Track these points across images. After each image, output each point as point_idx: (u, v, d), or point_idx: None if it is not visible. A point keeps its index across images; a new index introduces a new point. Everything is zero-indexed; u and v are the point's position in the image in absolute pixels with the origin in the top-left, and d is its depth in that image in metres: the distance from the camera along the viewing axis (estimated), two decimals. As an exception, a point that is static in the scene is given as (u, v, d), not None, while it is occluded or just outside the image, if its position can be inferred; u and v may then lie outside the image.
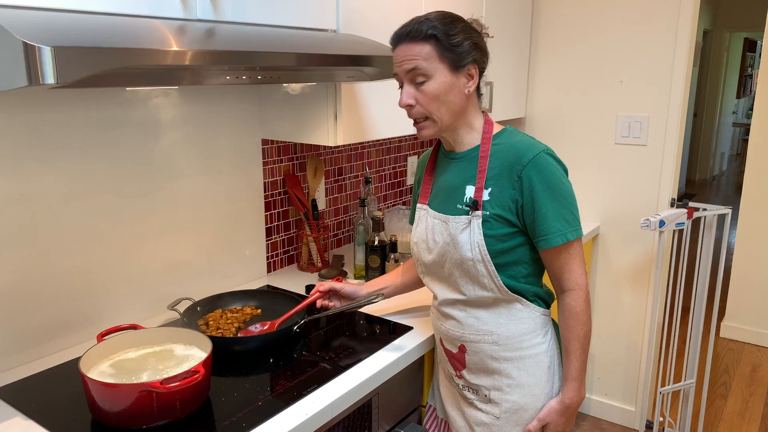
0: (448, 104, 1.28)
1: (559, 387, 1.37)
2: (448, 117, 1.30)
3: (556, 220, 1.25)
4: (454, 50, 1.25)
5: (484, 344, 1.35)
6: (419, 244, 1.41)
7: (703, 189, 8.17)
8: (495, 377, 1.36)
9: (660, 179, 2.55)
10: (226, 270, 1.87)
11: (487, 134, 1.33)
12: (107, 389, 1.13)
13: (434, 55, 1.25)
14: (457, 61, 1.26)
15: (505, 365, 1.34)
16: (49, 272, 1.43)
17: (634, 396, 2.78)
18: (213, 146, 1.76)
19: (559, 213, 1.26)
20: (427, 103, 1.28)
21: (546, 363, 1.35)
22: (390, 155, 2.50)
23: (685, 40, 2.39)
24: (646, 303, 2.66)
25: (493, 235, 1.28)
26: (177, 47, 1.04)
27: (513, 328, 1.33)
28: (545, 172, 1.25)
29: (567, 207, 1.27)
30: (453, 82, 1.27)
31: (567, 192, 1.27)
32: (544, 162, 1.25)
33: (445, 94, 1.27)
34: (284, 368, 1.40)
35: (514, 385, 1.34)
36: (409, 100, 1.29)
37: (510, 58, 2.58)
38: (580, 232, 1.29)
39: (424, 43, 1.25)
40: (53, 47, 0.85)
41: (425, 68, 1.25)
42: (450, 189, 1.36)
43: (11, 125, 1.32)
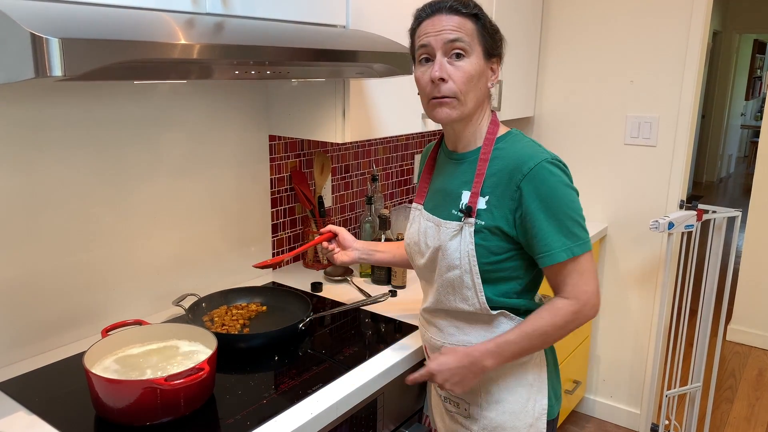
0: (476, 91, 1.20)
1: (542, 407, 1.29)
2: (473, 103, 1.21)
3: (558, 236, 1.16)
4: (493, 36, 1.21)
5: None
6: (411, 246, 1.36)
7: (711, 191, 8.12)
8: (474, 392, 1.30)
9: (669, 181, 2.52)
10: (231, 266, 1.86)
11: (491, 135, 1.25)
12: (111, 385, 1.12)
13: (475, 33, 1.19)
14: (492, 47, 1.21)
15: (484, 380, 1.28)
16: (54, 267, 1.42)
17: (640, 399, 2.76)
18: (220, 142, 1.75)
19: (561, 228, 1.16)
20: (462, 81, 1.18)
21: (528, 380, 1.28)
22: (397, 153, 2.49)
23: (697, 41, 2.37)
24: (653, 305, 2.64)
25: (487, 246, 1.20)
26: (185, 41, 1.03)
27: None
28: (546, 185, 1.16)
29: (570, 220, 1.17)
30: (484, 68, 1.21)
31: (571, 204, 1.18)
32: (545, 172, 1.16)
33: (478, 77, 1.20)
34: (289, 366, 1.38)
35: (492, 402, 1.28)
36: (443, 72, 1.18)
37: (519, 57, 2.56)
38: (586, 246, 1.18)
39: (469, 18, 1.19)
40: (61, 39, 0.84)
41: (468, 43, 1.18)
42: (446, 192, 1.29)
43: (18, 118, 1.31)
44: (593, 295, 1.20)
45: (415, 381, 1.28)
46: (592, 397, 2.90)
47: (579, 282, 1.18)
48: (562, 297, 1.20)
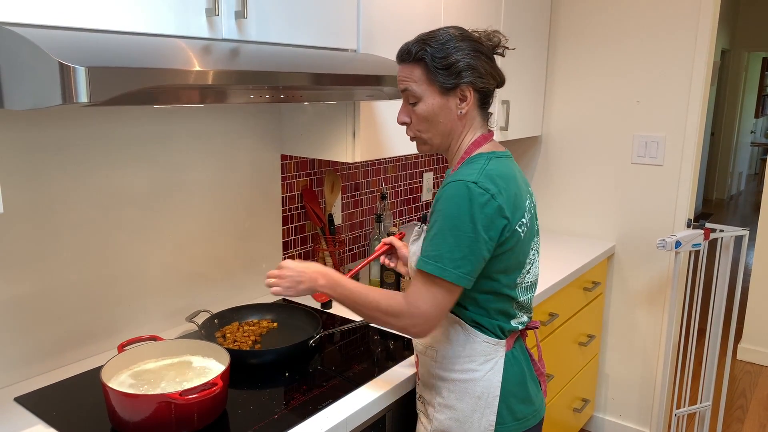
0: (437, 125, 1.27)
1: (489, 422, 1.29)
2: (438, 138, 1.30)
3: (430, 246, 1.19)
4: (442, 73, 1.23)
5: (426, 357, 1.35)
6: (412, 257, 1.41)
7: (721, 208, 8.09)
8: (432, 393, 1.35)
9: (676, 199, 2.54)
10: (243, 283, 1.90)
11: (466, 154, 1.29)
12: (127, 399, 1.15)
13: (423, 77, 1.25)
14: (445, 84, 1.24)
15: (439, 383, 1.33)
16: (71, 283, 1.46)
17: (649, 417, 2.75)
18: (233, 161, 1.80)
19: (436, 242, 1.18)
20: (417, 123, 1.29)
21: (476, 392, 1.29)
22: (406, 171, 2.53)
23: (703, 61, 2.40)
24: (662, 324, 2.65)
25: None
26: (203, 67, 1.08)
27: (449, 347, 1.30)
28: (446, 200, 1.19)
29: (448, 240, 1.17)
30: (443, 103, 1.26)
31: (458, 226, 1.17)
32: (452, 190, 1.19)
33: (434, 116, 1.26)
34: (300, 382, 1.41)
35: (443, 405, 1.32)
36: (404, 118, 1.31)
37: (527, 77, 2.60)
38: (447, 274, 1.16)
39: (415, 65, 1.25)
40: (87, 68, 0.89)
41: (415, 90, 1.26)
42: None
43: (39, 139, 1.36)
44: (420, 315, 1.19)
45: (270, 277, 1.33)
46: (600, 415, 2.89)
47: (418, 294, 1.19)
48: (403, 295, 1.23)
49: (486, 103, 1.31)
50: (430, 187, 2.68)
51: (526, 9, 2.48)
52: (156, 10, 1.16)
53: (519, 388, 1.34)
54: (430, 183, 2.68)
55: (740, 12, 7.58)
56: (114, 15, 1.09)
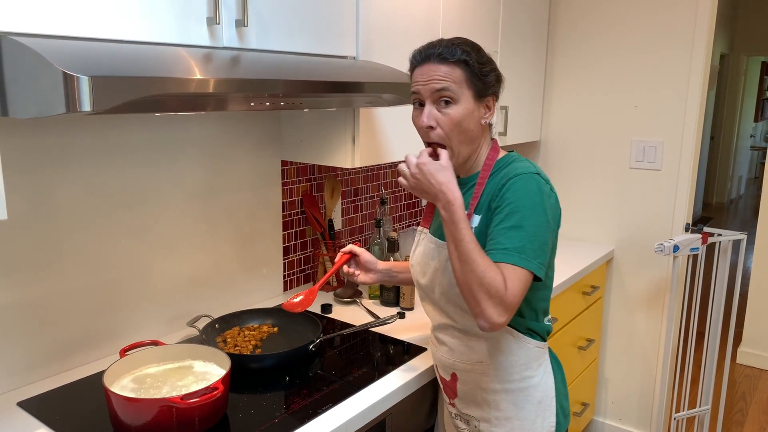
0: (467, 132, 1.26)
1: (550, 424, 1.32)
2: (466, 148, 1.28)
3: (506, 238, 1.16)
4: (482, 79, 1.25)
5: (474, 374, 1.33)
6: (415, 266, 1.41)
7: (721, 212, 8.10)
8: (484, 408, 1.33)
9: (674, 204, 2.55)
10: (243, 288, 1.91)
11: (490, 161, 1.30)
12: (129, 403, 1.16)
13: (464, 79, 1.24)
14: (482, 90, 1.26)
15: (494, 396, 1.32)
16: (73, 288, 1.47)
17: (649, 421, 2.76)
18: (234, 167, 1.81)
19: (514, 234, 1.15)
20: (450, 128, 1.24)
21: (537, 398, 1.31)
22: (406, 177, 2.54)
23: (700, 66, 2.42)
24: (661, 328, 2.66)
25: None
26: (205, 76, 1.09)
27: (503, 359, 1.30)
28: (519, 191, 1.18)
29: (528, 233, 1.16)
30: (474, 110, 1.26)
31: (538, 217, 1.17)
32: (523, 182, 1.19)
33: (467, 121, 1.25)
34: (300, 386, 1.42)
35: (502, 418, 1.31)
36: (431, 121, 1.25)
37: (525, 83, 2.62)
38: (532, 266, 1.15)
39: (455, 65, 1.23)
40: (90, 77, 0.90)
41: (455, 91, 1.23)
42: None
43: (42, 146, 1.38)
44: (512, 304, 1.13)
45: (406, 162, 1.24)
46: (600, 419, 2.90)
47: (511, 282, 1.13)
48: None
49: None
50: (430, 192, 2.69)
51: (523, 16, 2.50)
52: (158, 19, 1.17)
53: (563, 385, 1.39)
54: (430, 188, 2.69)
55: (739, 16, 7.61)
56: (116, 24, 1.11)
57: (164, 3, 1.18)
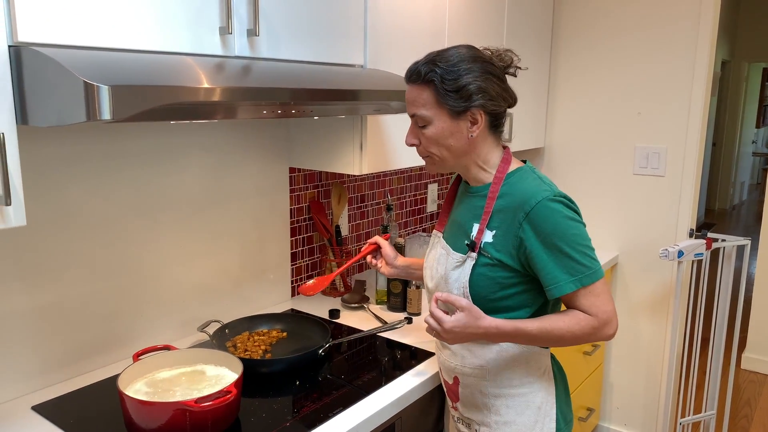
0: (449, 148, 1.26)
1: (551, 429, 1.32)
2: (451, 158, 1.29)
3: (562, 271, 1.20)
4: (452, 96, 1.22)
5: (475, 378, 1.34)
6: (427, 270, 1.42)
7: (723, 218, 8.11)
8: (484, 413, 1.34)
9: (678, 210, 2.57)
10: (251, 294, 1.93)
11: (500, 173, 1.29)
12: (144, 407, 1.18)
13: (432, 100, 1.23)
14: (455, 107, 1.22)
15: (493, 401, 1.33)
16: (85, 294, 1.49)
17: (654, 426, 2.77)
18: (243, 174, 1.84)
19: (566, 262, 1.20)
20: (428, 145, 1.28)
21: (536, 403, 1.32)
22: (411, 183, 2.56)
23: (703, 72, 2.44)
24: (666, 333, 2.67)
25: (493, 277, 1.25)
26: (219, 85, 1.12)
27: (504, 364, 1.31)
28: (548, 222, 1.20)
29: (576, 252, 1.20)
30: (453, 127, 1.24)
31: (574, 237, 1.20)
32: (546, 210, 1.20)
33: (444, 138, 1.25)
34: (310, 390, 1.44)
35: (501, 423, 1.32)
36: (413, 140, 1.31)
37: (529, 90, 2.64)
38: (596, 275, 1.21)
39: (424, 86, 1.23)
40: (111, 86, 0.92)
41: (424, 115, 1.25)
42: (460, 223, 1.35)
43: (56, 153, 1.40)
44: (612, 314, 1.24)
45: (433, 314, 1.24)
46: (606, 425, 2.90)
47: (596, 302, 1.22)
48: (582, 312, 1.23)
49: (498, 124, 1.30)
50: (435, 198, 2.72)
51: (527, 24, 2.53)
52: (172, 30, 1.20)
53: (565, 392, 1.39)
54: (435, 194, 2.72)
55: (740, 23, 7.64)
56: (132, 34, 1.13)
57: (178, 13, 1.20)
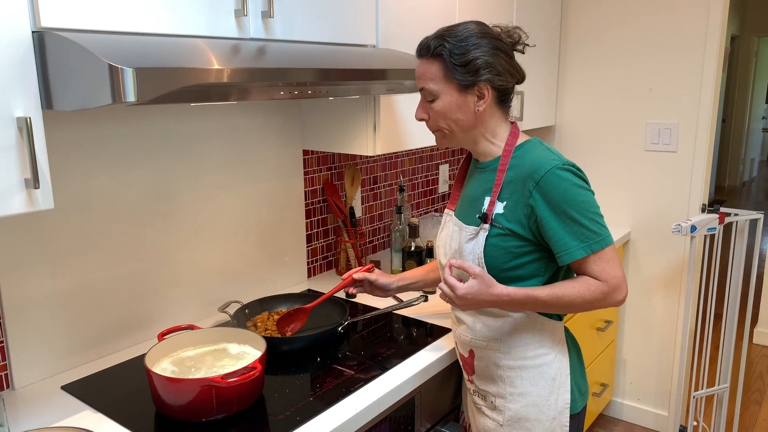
0: (456, 121, 1.30)
1: (565, 401, 1.35)
2: (459, 132, 1.32)
3: (573, 237, 1.23)
4: (460, 70, 1.25)
5: (489, 351, 1.36)
6: (440, 247, 1.45)
7: (733, 195, 8.07)
8: (499, 384, 1.37)
9: (690, 185, 2.57)
10: (268, 275, 1.96)
11: (509, 146, 1.32)
12: (172, 384, 1.21)
13: (440, 74, 1.26)
14: (462, 81, 1.26)
15: (509, 373, 1.35)
16: (109, 276, 1.52)
17: (667, 401, 2.79)
18: (257, 158, 1.85)
19: (576, 229, 1.23)
20: (436, 119, 1.31)
21: (551, 374, 1.34)
22: (422, 164, 2.57)
23: (714, 47, 2.43)
24: (678, 308, 2.68)
25: (505, 247, 1.28)
26: (235, 66, 1.13)
27: (518, 336, 1.33)
28: (557, 190, 1.23)
29: (585, 219, 1.23)
30: (460, 101, 1.28)
31: (584, 204, 1.23)
32: (555, 178, 1.23)
33: (452, 112, 1.29)
34: (331, 367, 1.47)
35: (516, 394, 1.35)
36: (422, 114, 1.34)
37: (540, 68, 2.64)
38: (606, 241, 1.25)
39: (433, 60, 1.27)
40: (135, 69, 0.94)
41: (432, 89, 1.28)
42: (471, 198, 1.37)
43: (78, 138, 1.42)
44: (622, 280, 1.26)
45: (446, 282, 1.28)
46: (619, 400, 2.93)
47: (606, 268, 1.25)
48: (592, 277, 1.26)
49: (505, 100, 1.33)
50: (446, 179, 2.73)
51: (537, 1, 2.51)
52: (188, 13, 1.21)
53: (579, 363, 1.42)
54: (446, 175, 2.73)
55: (749, -3, 7.54)
56: (149, 18, 1.15)
57: (195, -4, 1.21)
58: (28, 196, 1.03)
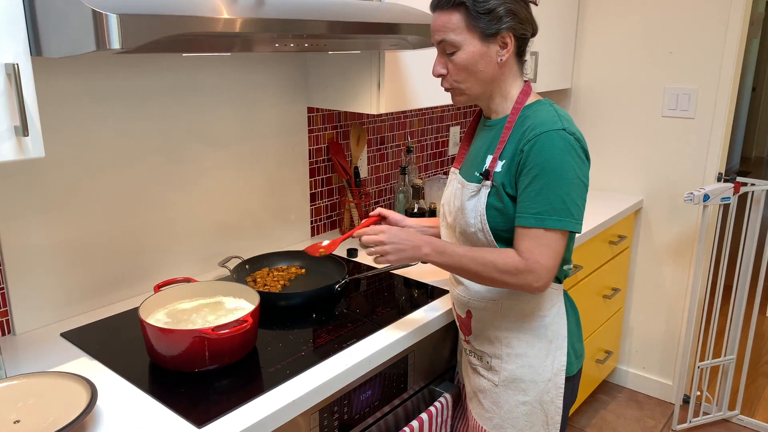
0: (477, 74, 1.26)
1: (561, 363, 1.34)
2: (478, 87, 1.28)
3: (535, 202, 1.20)
4: (483, 18, 1.22)
5: (487, 312, 1.36)
6: (444, 206, 1.44)
7: (760, 167, 7.87)
8: (496, 345, 1.37)
9: (707, 153, 2.51)
10: (272, 233, 1.96)
11: (519, 104, 1.29)
12: (164, 334, 1.22)
13: (462, 24, 1.23)
14: (487, 29, 1.22)
15: (505, 334, 1.35)
16: (110, 229, 1.54)
17: (672, 370, 2.78)
18: (261, 114, 1.84)
19: (543, 196, 1.19)
20: (456, 73, 1.27)
21: (548, 337, 1.34)
22: (432, 125, 2.54)
23: (740, 10, 2.33)
24: (688, 278, 2.65)
25: (500, 208, 1.27)
26: (231, 15, 1.11)
27: (517, 298, 1.33)
28: (544, 152, 1.19)
29: (553, 193, 1.19)
30: (483, 51, 1.24)
31: (563, 178, 1.19)
32: (548, 140, 1.19)
33: (474, 64, 1.25)
34: (325, 323, 1.48)
35: (513, 355, 1.35)
36: (440, 70, 1.29)
37: (556, 28, 2.56)
38: (563, 224, 1.20)
39: (453, 11, 1.23)
40: (119, 14, 0.92)
41: (453, 40, 1.24)
42: (475, 156, 1.36)
43: (79, 90, 1.42)
44: (543, 269, 1.21)
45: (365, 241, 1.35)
46: (624, 367, 2.93)
47: (535, 249, 1.21)
48: (516, 252, 1.24)
49: (522, 52, 1.31)
50: (457, 141, 2.69)
51: (556, -43, 2.43)
52: (183, -40, 1.18)
53: (577, 327, 1.41)
54: (457, 137, 2.69)
55: (788, -40, 7.20)
56: (143, -36, 1.12)
57: (189, -57, 1.18)
58: (17, 143, 1.03)
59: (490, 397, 1.39)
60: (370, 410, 1.40)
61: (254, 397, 1.18)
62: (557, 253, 1.22)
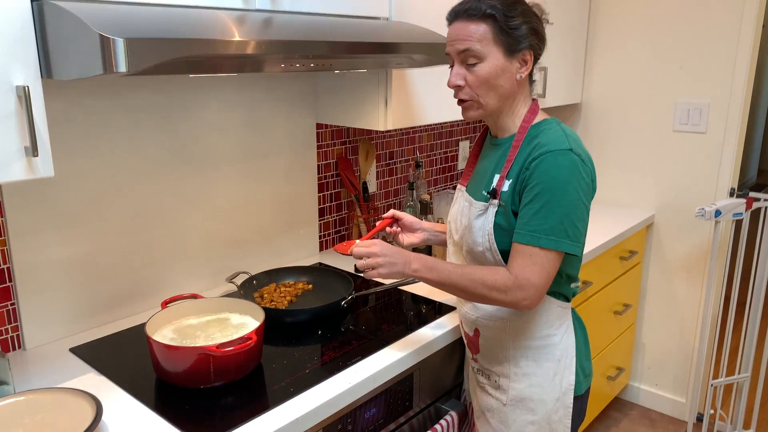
0: (497, 89, 1.25)
1: (569, 383, 1.34)
2: (495, 102, 1.27)
3: (533, 220, 1.19)
4: (511, 33, 1.22)
5: (495, 330, 1.35)
6: (451, 223, 1.44)
7: (776, 179, 7.77)
8: (504, 364, 1.36)
9: (719, 168, 2.48)
10: (280, 248, 1.97)
11: (526, 123, 1.29)
12: (169, 351, 1.24)
13: (489, 36, 1.22)
14: (512, 44, 1.23)
15: (513, 353, 1.34)
16: (120, 245, 1.56)
17: (686, 387, 2.74)
18: (271, 130, 1.86)
19: (542, 216, 1.19)
20: (476, 86, 1.25)
21: (556, 356, 1.33)
22: (441, 140, 2.54)
23: (751, 24, 2.31)
24: (701, 294, 2.62)
25: (507, 228, 1.26)
26: (237, 38, 1.12)
27: (525, 317, 1.32)
28: (550, 170, 1.19)
29: (552, 213, 1.18)
30: (505, 66, 1.24)
31: (567, 198, 1.19)
32: (554, 160, 1.19)
33: (495, 78, 1.24)
34: (331, 340, 1.48)
35: (521, 374, 1.34)
36: (458, 80, 1.27)
37: (566, 43, 2.56)
38: (560, 245, 1.19)
39: (481, 22, 1.22)
40: (126, 39, 0.94)
41: (478, 50, 1.22)
42: (482, 174, 1.36)
43: (93, 108, 1.44)
44: (533, 287, 1.20)
45: (356, 253, 1.32)
46: (636, 384, 2.89)
47: (527, 267, 1.20)
48: (507, 269, 1.23)
49: (532, 72, 1.31)
50: (466, 156, 2.69)
51: (565, -27, 2.43)
52: (191, -17, 1.21)
53: (585, 345, 1.40)
54: (466, 152, 2.69)
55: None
56: (152, -12, 1.15)
57: (197, -34, 1.21)
58: (27, 163, 1.05)
59: (498, 416, 1.38)
60: (375, 428, 1.40)
61: (258, 414, 1.18)
62: (549, 273, 1.21)
